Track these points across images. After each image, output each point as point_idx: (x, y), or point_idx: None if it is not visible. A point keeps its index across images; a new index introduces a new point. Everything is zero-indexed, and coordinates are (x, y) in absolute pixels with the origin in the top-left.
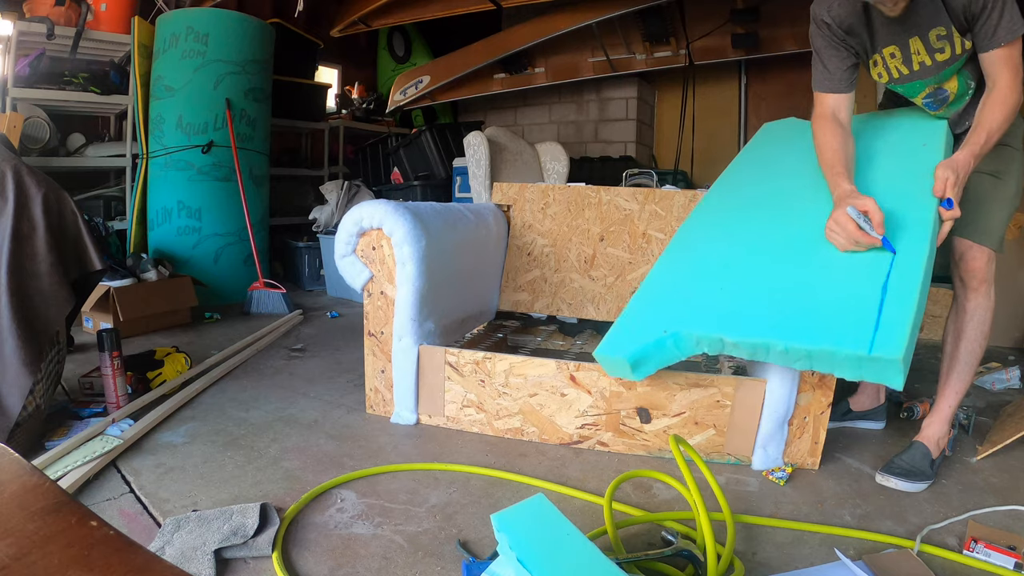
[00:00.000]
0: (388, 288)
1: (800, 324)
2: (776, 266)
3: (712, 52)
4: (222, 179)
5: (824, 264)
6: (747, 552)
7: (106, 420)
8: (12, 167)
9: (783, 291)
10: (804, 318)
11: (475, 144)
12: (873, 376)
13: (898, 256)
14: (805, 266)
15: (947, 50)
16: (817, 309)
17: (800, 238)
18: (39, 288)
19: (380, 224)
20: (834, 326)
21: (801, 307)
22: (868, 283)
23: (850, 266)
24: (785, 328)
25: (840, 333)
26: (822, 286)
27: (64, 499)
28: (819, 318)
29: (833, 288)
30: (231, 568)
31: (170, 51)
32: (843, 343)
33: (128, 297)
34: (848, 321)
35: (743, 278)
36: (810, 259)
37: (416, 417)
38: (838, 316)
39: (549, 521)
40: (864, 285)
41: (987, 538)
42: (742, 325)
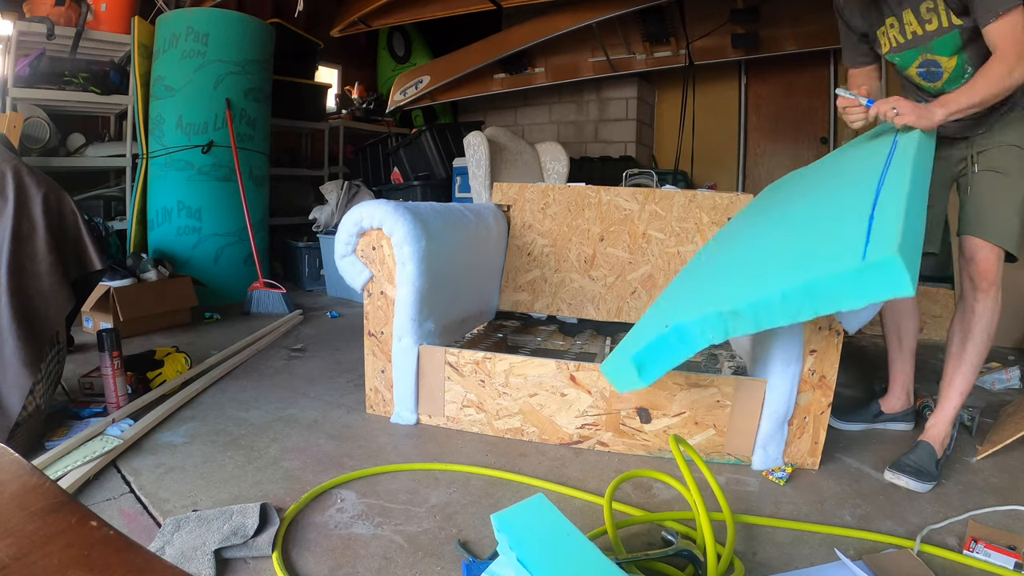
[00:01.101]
0: (388, 288)
1: (794, 269)
2: (771, 248)
3: (712, 52)
4: (222, 179)
5: (815, 226)
6: (747, 552)
7: (106, 420)
8: (12, 167)
9: (778, 259)
10: (798, 263)
11: (475, 144)
12: (882, 292)
13: (886, 177)
14: (799, 238)
15: (935, 21)
16: (810, 253)
17: (795, 223)
18: (39, 288)
19: (380, 224)
20: (826, 255)
21: (795, 259)
22: (856, 213)
23: (839, 211)
24: (781, 279)
25: (832, 258)
26: (813, 236)
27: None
28: (812, 257)
29: (823, 232)
30: (231, 568)
31: (170, 51)
32: (836, 264)
33: (128, 297)
34: (839, 247)
35: (739, 267)
36: (804, 231)
37: (416, 417)
38: (829, 247)
39: (549, 521)
40: (852, 216)
41: (987, 538)
42: (740, 294)
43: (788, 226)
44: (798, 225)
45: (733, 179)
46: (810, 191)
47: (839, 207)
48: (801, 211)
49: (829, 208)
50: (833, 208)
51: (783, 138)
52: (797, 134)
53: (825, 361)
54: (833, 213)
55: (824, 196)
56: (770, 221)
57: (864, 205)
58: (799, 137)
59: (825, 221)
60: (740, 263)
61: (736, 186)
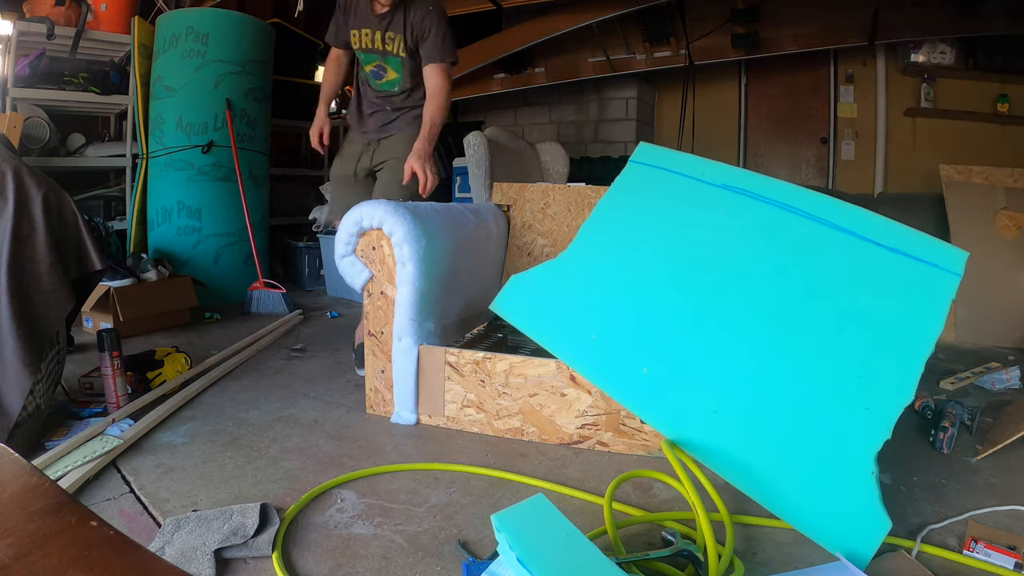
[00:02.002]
0: (388, 288)
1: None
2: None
3: (712, 52)
4: (222, 179)
5: (806, 400)
6: (747, 552)
7: (106, 420)
8: (12, 167)
9: (762, 427)
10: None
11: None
12: None
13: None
14: (788, 405)
15: (392, 46)
16: (807, 465)
17: (761, 338)
18: (39, 288)
19: (380, 224)
20: (826, 513)
21: (788, 460)
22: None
23: (835, 405)
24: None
25: (831, 528)
26: (808, 431)
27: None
28: (810, 481)
29: (822, 442)
30: (231, 568)
31: (170, 51)
32: (832, 540)
33: (128, 297)
34: (843, 517)
35: (707, 364)
36: (789, 384)
37: (416, 417)
38: (830, 503)
39: (549, 521)
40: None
41: (987, 538)
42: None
43: (748, 333)
44: (768, 350)
45: None
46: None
47: (833, 390)
48: (760, 319)
49: (816, 372)
50: (823, 384)
51: (783, 138)
52: (797, 134)
53: None
54: (827, 398)
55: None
56: (719, 288)
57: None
58: (799, 137)
59: (820, 407)
60: (706, 354)
61: None
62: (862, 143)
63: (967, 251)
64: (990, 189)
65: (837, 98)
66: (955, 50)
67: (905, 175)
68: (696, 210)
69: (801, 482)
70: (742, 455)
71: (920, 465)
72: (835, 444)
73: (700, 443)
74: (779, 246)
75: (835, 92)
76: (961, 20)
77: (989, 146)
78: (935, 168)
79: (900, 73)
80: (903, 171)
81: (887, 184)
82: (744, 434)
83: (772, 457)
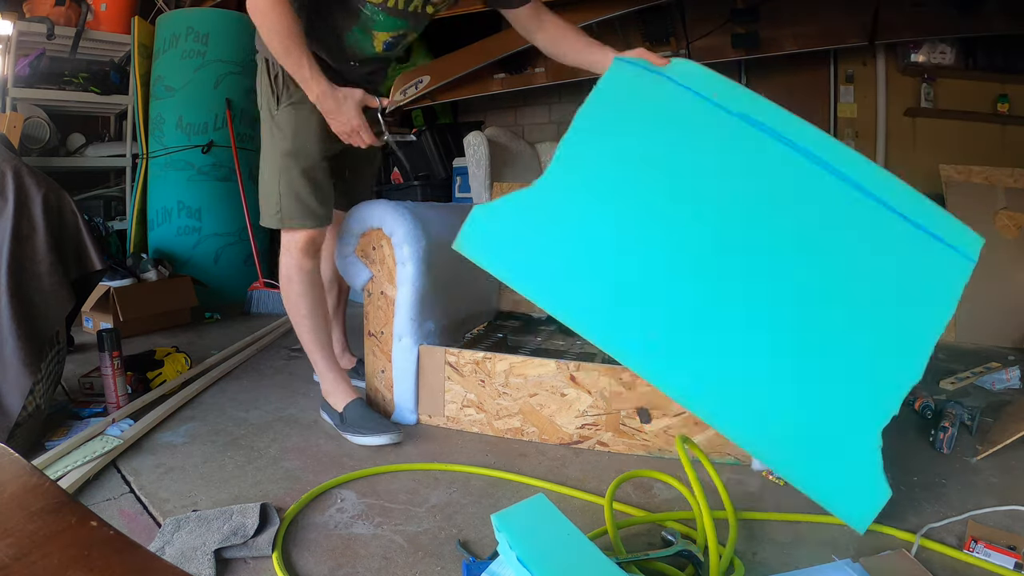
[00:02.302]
0: (388, 288)
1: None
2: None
3: (712, 52)
4: (222, 179)
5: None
6: (747, 552)
7: (106, 420)
8: (12, 167)
9: (773, 383)
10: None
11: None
12: None
13: None
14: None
15: (435, 8)
16: (817, 430)
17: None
18: (39, 288)
19: (380, 224)
20: (836, 481)
21: (799, 421)
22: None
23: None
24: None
25: (841, 493)
26: (820, 389)
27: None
28: (820, 446)
29: (834, 401)
30: (231, 568)
31: (170, 51)
32: (843, 508)
33: (128, 297)
34: (851, 481)
35: (713, 316)
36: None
37: (416, 417)
38: (839, 466)
39: (549, 521)
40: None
41: (987, 538)
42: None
43: (754, 282)
44: (776, 302)
45: None
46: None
47: (848, 350)
48: (765, 267)
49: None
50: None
51: None
52: None
53: None
54: (841, 359)
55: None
56: (717, 229)
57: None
58: None
59: (835, 364)
60: (710, 303)
61: None
62: (862, 143)
63: (981, 238)
64: (990, 189)
65: (837, 98)
66: (955, 50)
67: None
68: (706, 142)
69: (808, 445)
70: (753, 412)
71: (920, 465)
72: (846, 412)
73: (708, 406)
74: (803, 203)
75: (835, 92)
76: (961, 20)
77: (989, 146)
78: (935, 168)
79: (900, 73)
80: (903, 171)
81: None
82: (757, 392)
83: (782, 418)
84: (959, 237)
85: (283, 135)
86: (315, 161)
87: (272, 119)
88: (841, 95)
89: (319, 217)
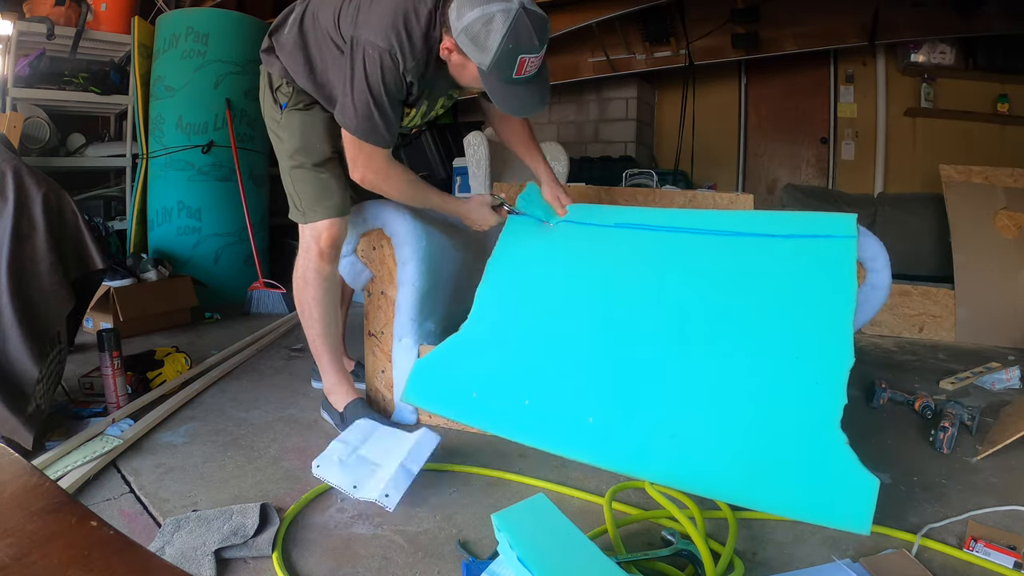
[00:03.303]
0: (388, 288)
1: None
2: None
3: (712, 52)
4: (222, 179)
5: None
6: (747, 552)
7: (106, 420)
8: (12, 167)
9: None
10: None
11: (475, 144)
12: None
13: None
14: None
15: (440, 106)
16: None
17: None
18: (39, 288)
19: (381, 224)
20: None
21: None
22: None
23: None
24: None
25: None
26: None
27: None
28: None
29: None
30: (231, 568)
31: (170, 51)
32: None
33: (128, 297)
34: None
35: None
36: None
37: (416, 417)
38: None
39: (549, 521)
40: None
41: (987, 538)
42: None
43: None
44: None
45: (733, 179)
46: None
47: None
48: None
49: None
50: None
51: (783, 138)
52: (797, 134)
53: None
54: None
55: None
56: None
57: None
58: (799, 137)
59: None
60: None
61: (736, 186)
62: (862, 143)
63: (853, 215)
64: (990, 189)
65: (837, 98)
66: (955, 50)
67: (905, 175)
68: (596, 251)
69: (782, 475)
70: (716, 470)
71: (920, 465)
72: (801, 427)
73: (671, 472)
74: (687, 264)
75: (835, 92)
76: (961, 20)
77: (989, 146)
78: (935, 168)
79: (900, 73)
80: (903, 171)
81: (887, 184)
82: (711, 449)
83: (746, 462)
84: (829, 226)
85: (290, 134)
86: (325, 155)
87: (278, 124)
88: (841, 95)
89: (337, 206)
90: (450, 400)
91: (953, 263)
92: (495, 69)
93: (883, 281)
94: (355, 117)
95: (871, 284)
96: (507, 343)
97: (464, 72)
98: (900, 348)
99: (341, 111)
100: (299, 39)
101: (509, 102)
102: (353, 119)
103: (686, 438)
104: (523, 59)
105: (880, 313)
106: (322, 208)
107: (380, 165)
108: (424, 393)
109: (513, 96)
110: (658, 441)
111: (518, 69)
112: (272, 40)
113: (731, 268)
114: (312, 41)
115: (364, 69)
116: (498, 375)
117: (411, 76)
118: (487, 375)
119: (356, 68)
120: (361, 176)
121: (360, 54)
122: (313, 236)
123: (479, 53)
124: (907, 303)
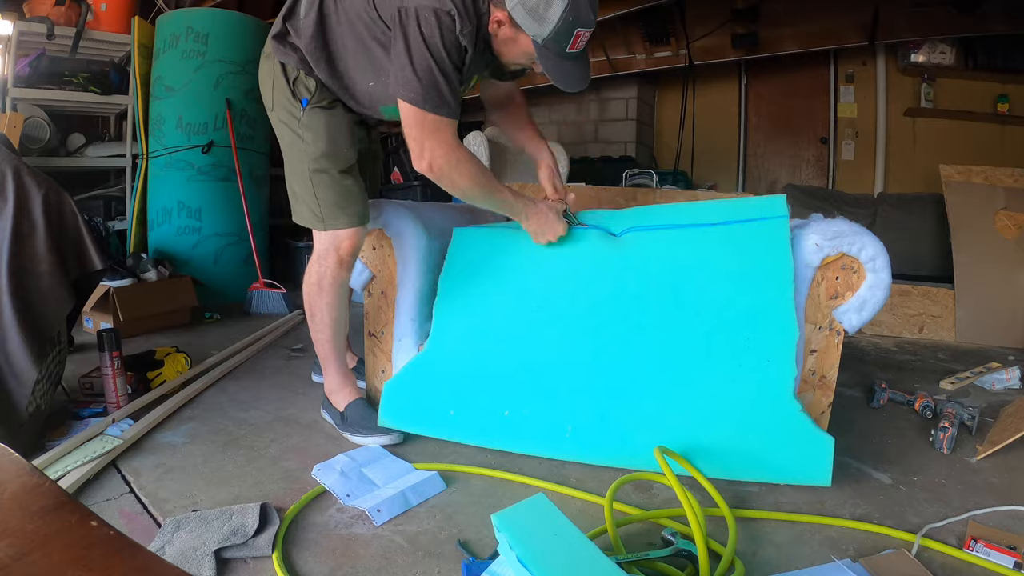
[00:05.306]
0: (388, 288)
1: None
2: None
3: (712, 52)
4: (222, 179)
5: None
6: (747, 552)
7: (106, 420)
8: (12, 167)
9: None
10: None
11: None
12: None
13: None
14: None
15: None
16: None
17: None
18: (39, 288)
19: (381, 224)
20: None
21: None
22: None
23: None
24: None
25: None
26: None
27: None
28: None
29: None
30: (231, 568)
31: (170, 51)
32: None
33: (128, 297)
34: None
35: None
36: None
37: None
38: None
39: (549, 521)
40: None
41: (987, 538)
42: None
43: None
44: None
45: (733, 179)
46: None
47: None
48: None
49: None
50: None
51: (783, 138)
52: (797, 134)
53: (825, 361)
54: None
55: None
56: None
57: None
58: (799, 137)
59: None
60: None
61: (736, 186)
62: (862, 143)
63: (782, 195)
64: (990, 189)
65: (837, 98)
66: (955, 50)
67: (905, 175)
68: (544, 256)
69: (750, 446)
70: (693, 449)
71: (920, 465)
72: (760, 403)
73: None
74: (628, 261)
75: (835, 92)
76: (961, 20)
77: (989, 146)
78: (935, 168)
79: (900, 73)
80: (903, 171)
81: (887, 184)
82: (686, 432)
83: (717, 439)
84: (760, 209)
85: (315, 137)
86: (350, 161)
87: (297, 122)
88: (841, 95)
89: (359, 215)
90: (428, 419)
91: (953, 263)
92: (552, 42)
93: (883, 281)
94: (420, 87)
95: (871, 284)
96: (474, 357)
97: (513, 47)
98: (900, 348)
99: (404, 85)
100: (318, 24)
101: (565, 76)
102: (419, 89)
103: (662, 425)
104: (579, 32)
105: (880, 313)
106: (345, 216)
107: (450, 144)
108: (400, 415)
109: (568, 70)
110: (636, 431)
111: (572, 42)
112: (286, 25)
113: (679, 262)
114: (334, 25)
115: (421, 33)
116: (472, 390)
117: (466, 41)
118: (460, 391)
119: (411, 35)
120: (429, 162)
121: (413, 20)
122: (333, 244)
123: (536, 25)
124: (907, 303)
